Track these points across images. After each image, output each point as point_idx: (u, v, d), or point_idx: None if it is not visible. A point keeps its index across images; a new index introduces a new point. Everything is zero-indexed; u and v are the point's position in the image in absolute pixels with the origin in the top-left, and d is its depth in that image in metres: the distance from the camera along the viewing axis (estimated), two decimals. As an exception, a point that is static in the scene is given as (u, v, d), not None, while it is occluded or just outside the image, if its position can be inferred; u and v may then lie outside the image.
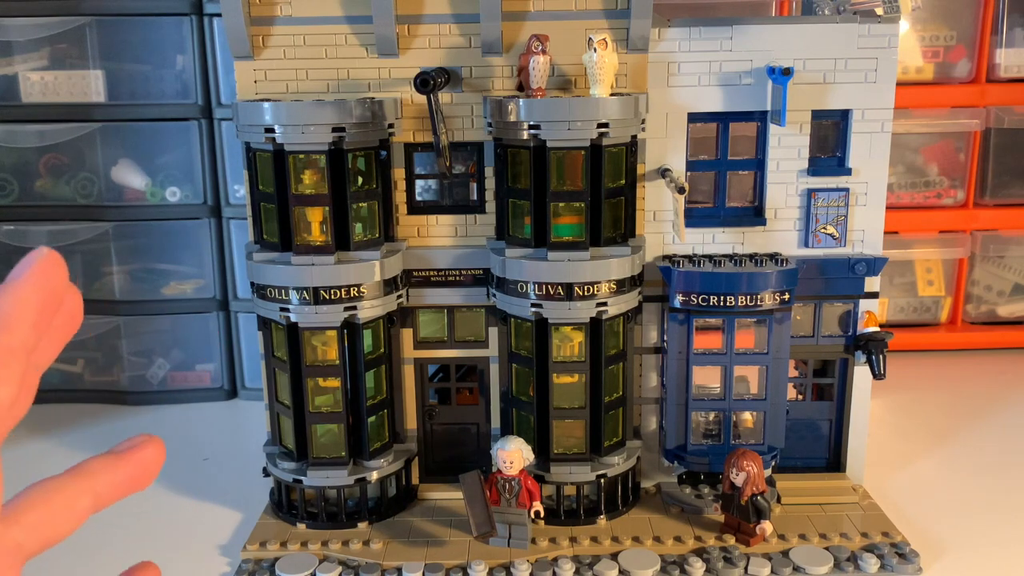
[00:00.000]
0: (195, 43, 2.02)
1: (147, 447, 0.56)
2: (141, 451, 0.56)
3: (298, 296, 1.46)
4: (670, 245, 1.59)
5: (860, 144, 1.55)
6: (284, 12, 1.51)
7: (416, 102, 1.51)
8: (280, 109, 1.42)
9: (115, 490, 0.54)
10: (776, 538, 1.47)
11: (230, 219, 2.11)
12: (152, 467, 0.56)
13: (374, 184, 1.51)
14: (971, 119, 2.30)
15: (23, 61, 2.06)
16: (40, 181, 2.14)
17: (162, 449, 0.56)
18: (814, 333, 1.61)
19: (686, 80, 1.52)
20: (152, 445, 0.56)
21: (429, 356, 1.64)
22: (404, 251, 1.56)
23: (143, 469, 0.56)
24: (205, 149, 2.07)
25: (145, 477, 0.56)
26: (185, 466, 1.85)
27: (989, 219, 2.39)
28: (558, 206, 1.46)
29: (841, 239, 1.58)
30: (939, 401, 2.14)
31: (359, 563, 1.44)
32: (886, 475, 1.73)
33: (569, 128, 1.41)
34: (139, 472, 0.55)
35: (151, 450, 0.56)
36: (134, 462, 0.55)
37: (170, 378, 2.22)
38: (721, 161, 1.59)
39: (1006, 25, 2.27)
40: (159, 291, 2.18)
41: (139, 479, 0.56)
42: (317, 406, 1.54)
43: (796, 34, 1.51)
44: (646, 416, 1.66)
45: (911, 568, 1.40)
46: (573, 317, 1.47)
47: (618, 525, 1.54)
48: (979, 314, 2.50)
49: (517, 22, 1.50)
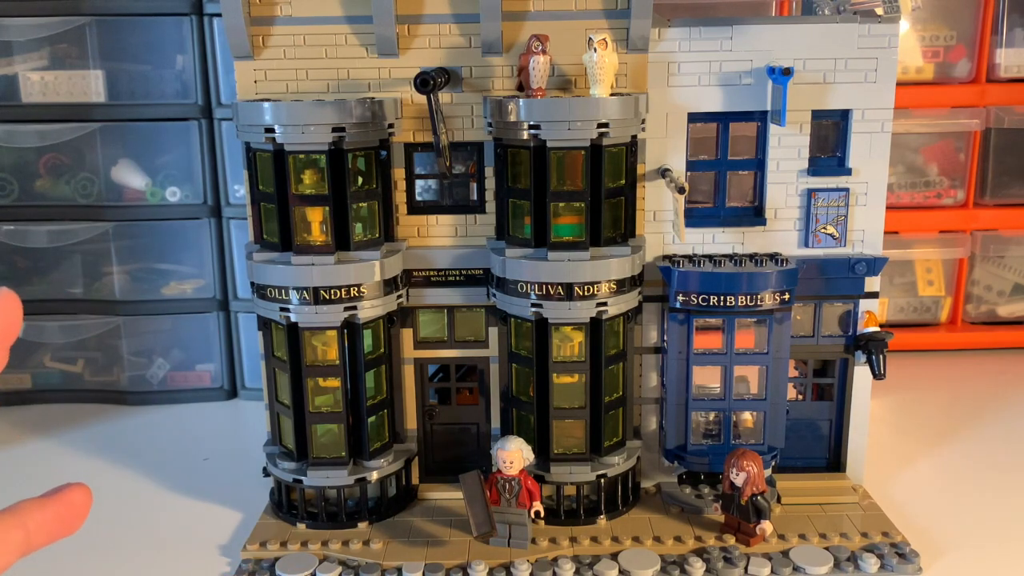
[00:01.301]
0: (195, 43, 2.02)
1: (75, 491, 0.59)
2: (69, 494, 0.59)
3: (298, 296, 1.46)
4: (670, 245, 1.59)
5: (860, 144, 1.55)
6: (284, 12, 1.51)
7: (416, 102, 1.51)
8: (280, 109, 1.42)
9: (44, 528, 0.57)
10: (776, 538, 1.47)
11: (230, 219, 2.11)
12: (80, 510, 0.59)
13: (374, 184, 1.51)
14: (971, 119, 2.30)
15: (23, 61, 2.06)
16: (40, 181, 2.14)
17: (88, 494, 0.60)
18: (814, 333, 1.62)
19: (686, 80, 1.52)
20: (80, 490, 0.60)
21: (429, 356, 1.64)
22: (404, 251, 1.56)
23: (71, 511, 0.59)
24: (205, 149, 2.07)
25: (73, 519, 0.59)
26: (185, 466, 1.85)
27: (989, 219, 2.39)
28: (558, 206, 1.46)
29: (841, 239, 1.58)
30: (939, 401, 2.14)
31: (359, 563, 1.44)
32: (886, 475, 1.73)
33: (569, 128, 1.41)
34: (68, 513, 0.59)
35: (79, 494, 0.60)
36: (63, 503, 0.58)
37: (170, 378, 2.23)
38: (721, 161, 1.59)
39: (1006, 25, 2.27)
40: (159, 291, 2.19)
41: (68, 520, 0.59)
42: (317, 406, 1.54)
43: (796, 34, 1.51)
44: (646, 416, 1.66)
45: (911, 568, 1.40)
46: (573, 317, 1.47)
47: (618, 525, 1.54)
48: (979, 314, 2.50)
49: (517, 22, 1.50)
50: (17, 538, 0.55)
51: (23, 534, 0.55)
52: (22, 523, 0.56)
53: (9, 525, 0.55)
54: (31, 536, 0.56)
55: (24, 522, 0.56)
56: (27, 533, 0.56)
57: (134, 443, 1.99)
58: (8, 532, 0.55)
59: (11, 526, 0.55)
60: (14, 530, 0.55)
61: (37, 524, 0.57)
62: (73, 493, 0.59)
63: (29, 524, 0.56)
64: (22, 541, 0.56)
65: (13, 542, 0.55)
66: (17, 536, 0.55)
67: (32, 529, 0.56)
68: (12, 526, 0.55)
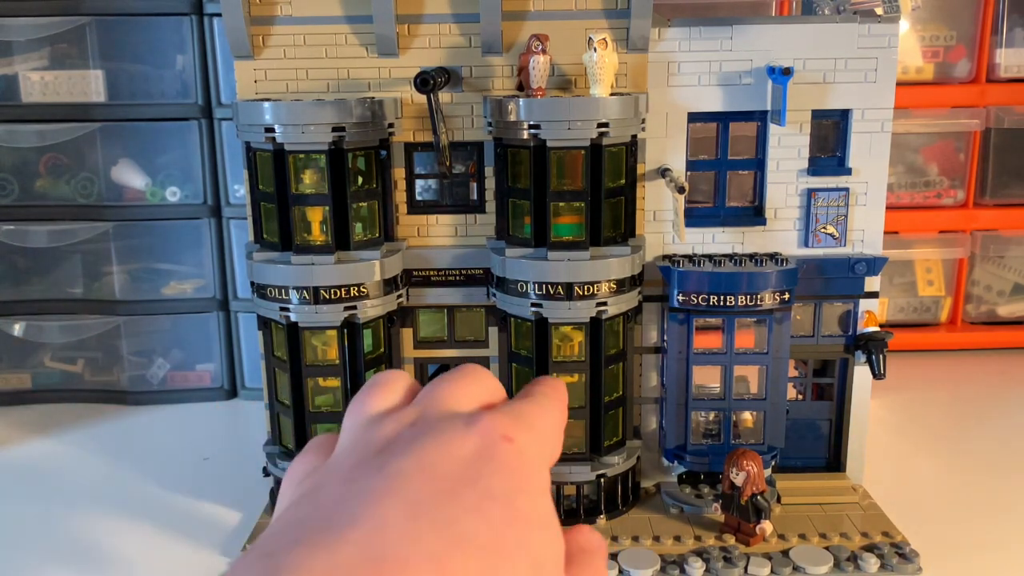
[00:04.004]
0: (195, 43, 2.02)
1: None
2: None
3: (298, 296, 1.46)
4: (670, 245, 1.59)
5: (860, 144, 1.55)
6: (284, 12, 1.51)
7: (416, 102, 1.51)
8: (280, 109, 1.42)
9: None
10: (776, 538, 1.47)
11: (230, 219, 2.11)
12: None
13: (374, 184, 1.51)
14: (971, 119, 2.30)
15: (23, 61, 2.06)
16: (40, 181, 2.14)
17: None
18: (814, 333, 1.61)
19: (686, 80, 1.52)
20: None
21: (429, 356, 1.64)
22: (404, 251, 1.56)
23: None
24: (205, 149, 2.07)
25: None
26: (185, 466, 1.85)
27: (989, 219, 2.39)
28: (558, 206, 1.46)
29: (841, 239, 1.58)
30: (939, 401, 2.14)
31: (359, 563, 1.44)
32: (886, 475, 1.72)
33: (569, 128, 1.41)
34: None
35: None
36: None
37: (170, 378, 2.22)
38: (721, 161, 1.59)
39: (1006, 25, 2.27)
40: (159, 291, 2.18)
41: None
42: (317, 406, 1.54)
43: (796, 34, 1.51)
44: (646, 416, 1.66)
45: (911, 568, 1.40)
46: (573, 317, 1.47)
47: (618, 525, 1.53)
48: (979, 314, 2.50)
49: (517, 22, 1.50)
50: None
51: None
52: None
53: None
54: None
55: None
56: None
57: (134, 443, 1.99)
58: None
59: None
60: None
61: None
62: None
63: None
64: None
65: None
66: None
67: None
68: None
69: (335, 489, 0.46)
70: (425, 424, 0.50)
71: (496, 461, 0.47)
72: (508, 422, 0.50)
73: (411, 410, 0.52)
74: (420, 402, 0.54)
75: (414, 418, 0.51)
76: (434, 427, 0.49)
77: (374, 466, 0.46)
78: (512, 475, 0.47)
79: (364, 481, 0.45)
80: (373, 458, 0.47)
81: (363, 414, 0.53)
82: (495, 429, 0.49)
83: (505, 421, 0.50)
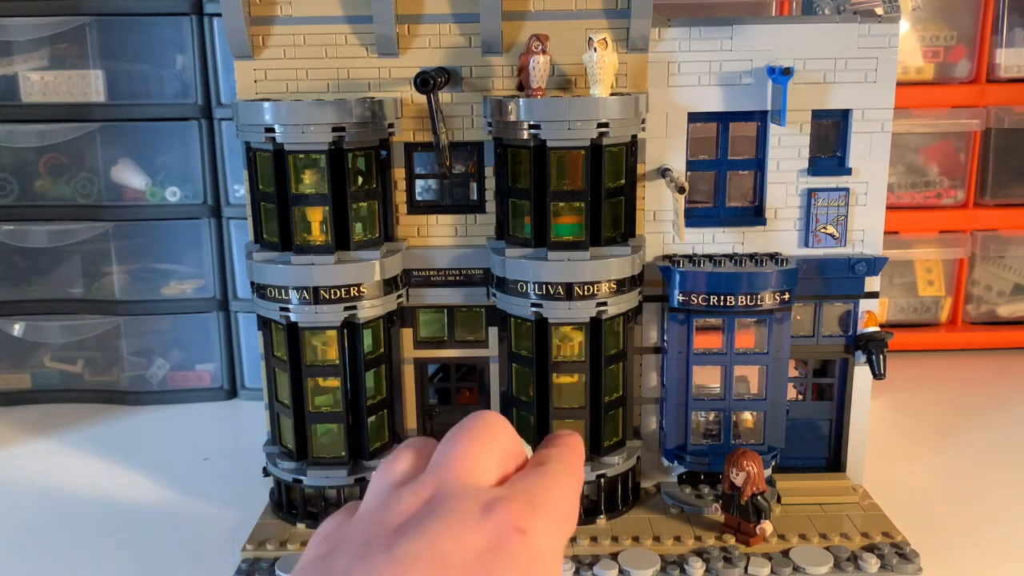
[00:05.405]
0: (195, 43, 2.02)
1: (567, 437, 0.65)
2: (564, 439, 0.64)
3: (298, 296, 1.46)
4: (670, 245, 1.59)
5: (860, 144, 1.55)
6: (284, 12, 1.51)
7: (416, 102, 1.51)
8: (280, 109, 1.42)
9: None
10: (776, 538, 1.47)
11: (230, 219, 2.11)
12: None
13: (374, 184, 1.51)
14: (971, 119, 2.30)
15: (23, 61, 2.06)
16: (40, 181, 2.14)
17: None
18: (814, 333, 1.61)
19: (686, 80, 1.52)
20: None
21: (429, 356, 1.64)
22: (404, 251, 1.56)
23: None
24: (205, 149, 2.07)
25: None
26: (185, 466, 1.85)
27: (989, 219, 2.39)
28: (558, 206, 1.46)
29: (841, 239, 1.58)
30: (939, 401, 2.14)
31: (359, 563, 1.44)
32: (886, 475, 1.72)
33: (569, 128, 1.41)
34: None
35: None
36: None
37: (170, 378, 2.22)
38: (721, 161, 1.59)
39: (1006, 25, 2.27)
40: (159, 291, 2.18)
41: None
42: (317, 406, 1.54)
43: (796, 34, 1.51)
44: (646, 416, 1.66)
45: (911, 568, 1.40)
46: (573, 317, 1.47)
47: (618, 525, 1.53)
48: (979, 314, 2.50)
49: (517, 22, 1.50)
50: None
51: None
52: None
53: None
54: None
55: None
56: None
57: (134, 443, 1.99)
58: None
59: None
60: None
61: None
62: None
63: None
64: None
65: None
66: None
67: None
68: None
69: (345, 563, 0.47)
70: (441, 502, 0.50)
71: (507, 557, 0.47)
72: (522, 510, 0.50)
73: (429, 481, 0.52)
74: (437, 467, 0.54)
75: (432, 492, 0.51)
76: (449, 510, 0.49)
77: (385, 546, 0.47)
78: (522, 571, 0.47)
79: (374, 557, 0.46)
80: (387, 536, 0.48)
81: (387, 481, 0.54)
82: (508, 520, 0.49)
83: (519, 509, 0.50)
